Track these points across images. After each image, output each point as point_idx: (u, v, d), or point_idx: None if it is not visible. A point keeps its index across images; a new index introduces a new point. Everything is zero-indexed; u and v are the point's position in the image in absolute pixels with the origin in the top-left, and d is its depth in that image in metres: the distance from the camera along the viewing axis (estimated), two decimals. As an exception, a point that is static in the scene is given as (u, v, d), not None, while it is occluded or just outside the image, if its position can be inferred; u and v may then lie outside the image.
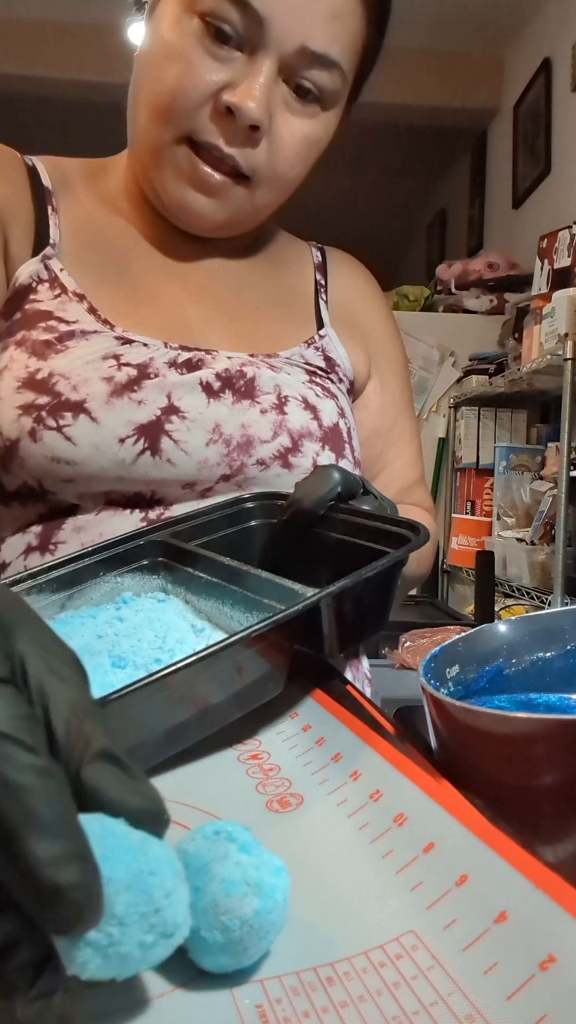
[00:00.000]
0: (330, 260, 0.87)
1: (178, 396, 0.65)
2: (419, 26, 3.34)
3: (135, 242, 0.76)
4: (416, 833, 0.34)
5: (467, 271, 3.21)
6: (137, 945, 0.24)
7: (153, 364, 0.65)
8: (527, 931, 0.27)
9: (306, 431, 0.69)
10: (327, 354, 0.78)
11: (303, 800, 0.39)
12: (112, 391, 0.62)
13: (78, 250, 0.72)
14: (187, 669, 0.37)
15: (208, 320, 0.74)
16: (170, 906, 0.24)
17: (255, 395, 0.68)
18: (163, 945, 0.24)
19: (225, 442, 0.66)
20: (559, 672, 0.52)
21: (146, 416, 0.63)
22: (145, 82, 0.68)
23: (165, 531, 0.56)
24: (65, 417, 0.61)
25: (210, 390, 0.67)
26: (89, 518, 0.64)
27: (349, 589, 0.44)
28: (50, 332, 0.65)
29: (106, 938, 0.23)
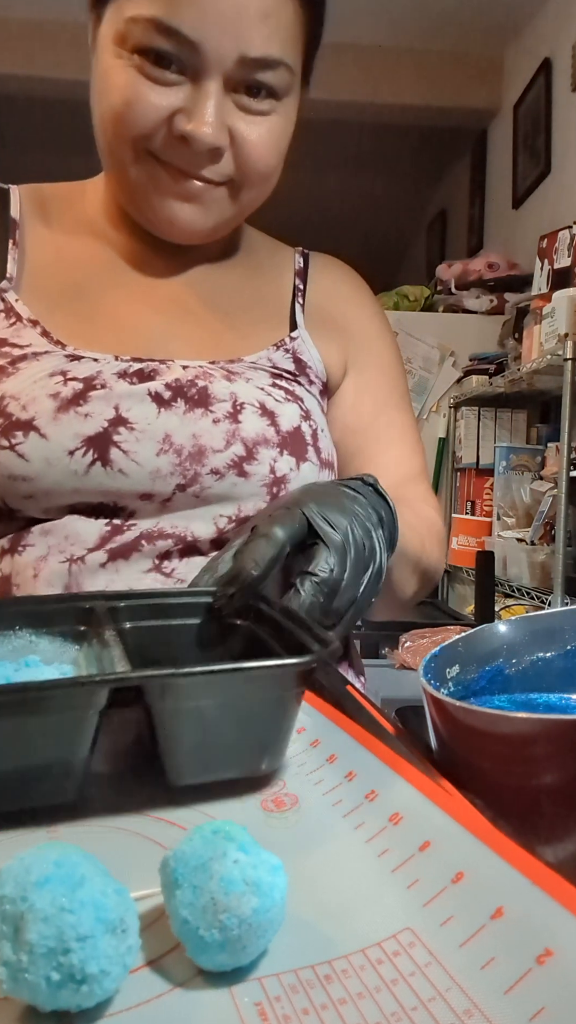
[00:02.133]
0: (312, 265, 0.87)
1: (126, 407, 0.65)
2: (419, 26, 3.35)
3: (103, 263, 0.77)
4: (411, 832, 0.34)
5: (467, 271, 3.22)
6: (44, 979, 0.24)
7: (100, 376, 0.66)
8: (523, 927, 0.27)
9: (261, 438, 0.68)
10: (297, 356, 0.78)
11: (298, 800, 0.39)
12: (59, 406, 0.64)
13: (37, 279, 0.75)
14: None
15: (169, 330, 0.74)
16: (82, 951, 0.24)
17: (208, 404, 0.68)
18: (72, 990, 0.24)
19: (176, 452, 0.66)
20: (559, 672, 0.52)
21: (93, 428, 0.64)
22: (98, 110, 0.69)
23: (105, 601, 0.51)
24: (16, 436, 0.63)
25: (160, 400, 0.67)
26: (56, 522, 0.66)
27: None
28: (3, 358, 0.67)
29: (17, 962, 0.24)
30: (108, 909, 0.25)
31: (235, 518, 0.68)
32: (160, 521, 0.67)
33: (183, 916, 0.27)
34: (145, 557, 0.66)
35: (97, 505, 0.66)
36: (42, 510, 0.66)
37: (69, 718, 0.36)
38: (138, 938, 0.26)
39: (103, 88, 0.68)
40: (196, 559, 0.67)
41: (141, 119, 0.66)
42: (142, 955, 0.28)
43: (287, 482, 0.69)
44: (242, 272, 0.83)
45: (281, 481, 0.69)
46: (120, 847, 0.35)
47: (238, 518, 0.68)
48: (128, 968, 0.26)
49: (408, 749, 0.41)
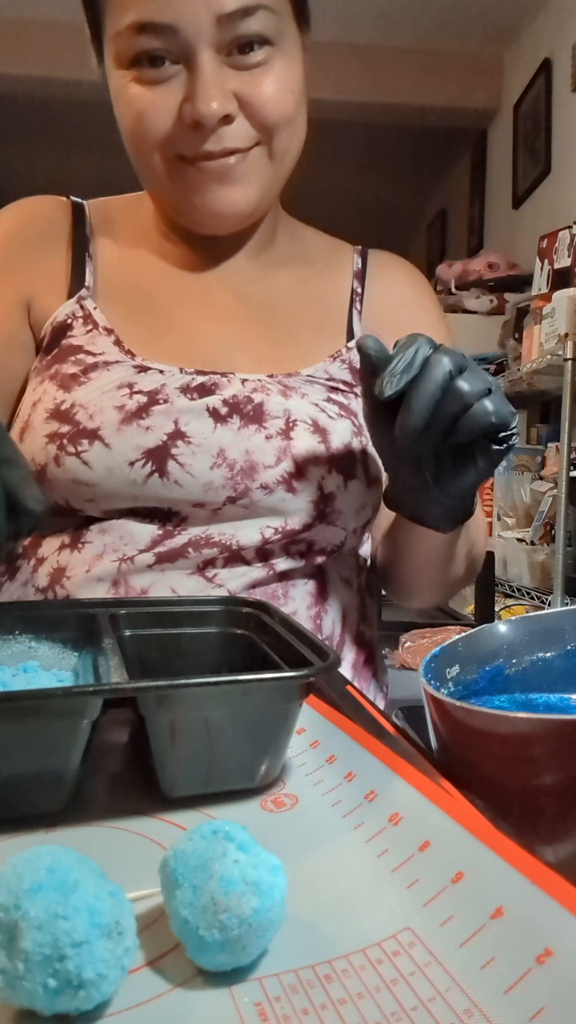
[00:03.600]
0: (371, 265, 0.86)
1: (185, 421, 0.68)
2: (419, 26, 3.35)
3: (164, 274, 0.80)
4: (411, 832, 0.34)
5: (467, 271, 3.22)
6: (41, 985, 0.24)
7: (164, 391, 0.69)
8: (523, 926, 0.27)
9: (311, 456, 0.70)
10: (354, 366, 0.78)
11: (298, 800, 0.39)
12: (123, 419, 0.67)
13: (111, 289, 0.78)
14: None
15: (231, 342, 0.76)
16: (78, 957, 0.24)
17: (263, 420, 0.70)
18: (70, 995, 0.24)
19: (229, 466, 0.68)
20: (559, 672, 0.52)
21: (153, 441, 0.67)
22: (124, 135, 0.72)
23: (106, 609, 0.51)
24: (82, 444, 0.67)
25: (217, 415, 0.69)
26: (113, 522, 0.69)
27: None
28: (77, 365, 0.71)
29: (13, 969, 0.24)
30: (102, 913, 0.25)
31: (281, 529, 0.70)
32: (209, 528, 0.69)
33: (183, 916, 0.27)
34: (190, 563, 0.69)
35: (152, 509, 0.69)
36: (101, 511, 0.69)
37: (61, 727, 0.36)
38: (135, 939, 0.26)
39: (119, 112, 0.71)
40: (239, 567, 0.69)
41: (155, 124, 0.68)
42: (142, 955, 0.28)
43: (334, 499, 0.70)
44: (297, 276, 0.83)
45: (328, 499, 0.70)
46: (120, 847, 0.35)
47: (283, 530, 0.70)
48: (126, 969, 0.26)
49: (408, 749, 0.41)
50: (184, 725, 0.38)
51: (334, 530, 0.72)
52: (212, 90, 0.66)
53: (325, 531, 0.71)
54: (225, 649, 0.51)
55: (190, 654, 0.51)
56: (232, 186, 0.70)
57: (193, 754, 0.38)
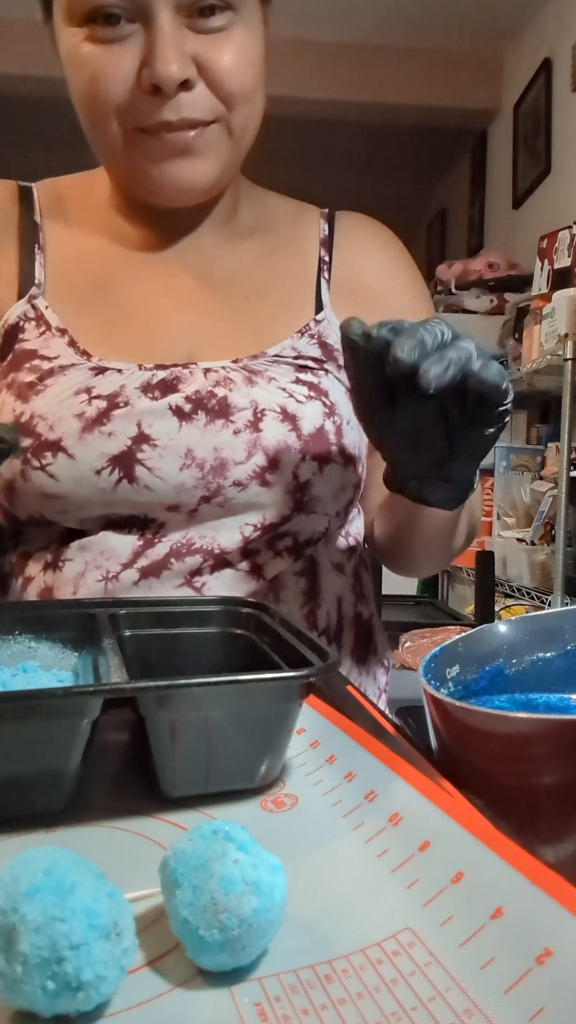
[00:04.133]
0: (338, 230, 0.82)
1: (148, 423, 0.66)
2: (419, 26, 3.34)
3: (120, 258, 0.76)
4: (411, 832, 0.34)
5: (467, 271, 3.21)
6: (40, 988, 0.24)
7: (124, 392, 0.67)
8: (523, 926, 0.27)
9: (283, 445, 0.68)
10: (323, 340, 0.75)
11: (298, 800, 0.39)
12: (84, 427, 0.65)
13: (63, 282, 0.75)
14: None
15: (191, 328, 0.73)
16: (76, 959, 0.24)
17: (229, 414, 0.68)
18: (69, 997, 0.24)
19: (199, 466, 0.66)
20: (559, 672, 0.52)
21: (117, 447, 0.65)
22: (74, 99, 0.69)
23: (106, 609, 0.51)
24: (46, 456, 0.65)
25: (181, 413, 0.67)
26: (92, 538, 0.68)
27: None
28: (33, 372, 0.69)
29: (12, 972, 0.24)
30: (100, 915, 0.25)
31: (260, 526, 0.68)
32: (189, 532, 0.68)
33: (183, 916, 0.27)
34: (176, 575, 0.67)
35: (129, 517, 0.68)
36: (77, 521, 0.68)
37: (61, 727, 0.36)
38: (134, 939, 0.26)
39: (71, 74, 0.67)
40: (227, 572, 0.68)
41: (110, 88, 0.65)
42: (142, 955, 0.28)
43: (310, 487, 0.69)
44: (261, 248, 0.79)
45: (305, 487, 0.68)
46: (120, 847, 0.35)
47: (263, 526, 0.68)
48: (125, 970, 0.26)
49: (408, 749, 0.41)
50: (184, 725, 0.38)
51: (315, 517, 0.70)
52: (171, 52, 0.62)
53: (306, 520, 0.70)
54: (225, 649, 0.51)
55: (190, 654, 0.51)
56: (192, 160, 0.67)
57: (193, 754, 0.38)
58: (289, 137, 3.86)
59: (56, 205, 0.79)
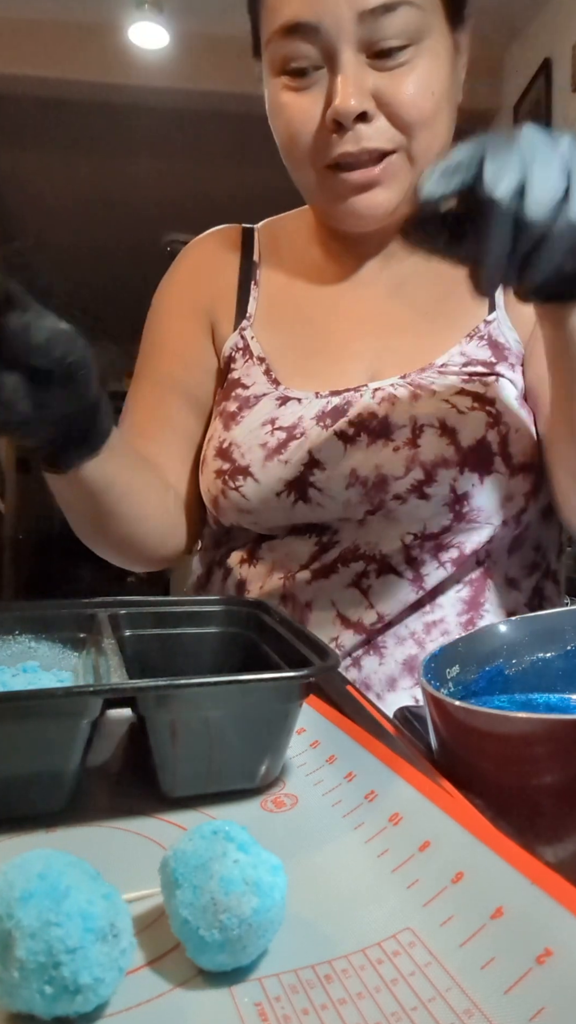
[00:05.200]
0: None
1: (317, 450, 0.73)
2: (419, 26, 3.34)
3: (322, 289, 0.83)
4: (411, 832, 0.34)
5: (467, 271, 3.21)
6: (38, 992, 0.24)
7: (301, 423, 0.74)
8: (523, 926, 0.27)
9: (440, 460, 0.70)
10: (494, 340, 0.77)
11: (298, 800, 0.39)
12: (266, 456, 0.74)
13: (271, 314, 0.83)
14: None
15: (372, 350, 0.78)
16: (73, 963, 0.24)
17: (389, 433, 0.72)
18: (68, 1000, 0.24)
19: (362, 484, 0.72)
20: (559, 672, 0.52)
21: (292, 473, 0.73)
22: (277, 140, 0.75)
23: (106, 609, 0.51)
24: (239, 480, 0.75)
25: (345, 437, 0.73)
26: (278, 541, 0.77)
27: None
28: (236, 401, 0.79)
29: (10, 978, 0.24)
30: (96, 917, 0.25)
31: (420, 535, 0.72)
32: (357, 538, 0.74)
33: (183, 916, 0.27)
34: (344, 577, 0.73)
35: (308, 525, 0.75)
36: (267, 530, 0.77)
37: (61, 727, 0.36)
38: (132, 939, 0.26)
39: (273, 124, 0.74)
40: (391, 578, 0.72)
41: (300, 130, 0.70)
42: (142, 955, 0.28)
43: (469, 498, 0.70)
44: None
45: (463, 499, 0.70)
46: (120, 847, 0.35)
47: (423, 535, 0.72)
48: (123, 971, 0.26)
49: (408, 749, 0.41)
50: (184, 725, 0.38)
51: (477, 527, 0.72)
52: (350, 88, 0.67)
53: (468, 530, 0.72)
54: (225, 649, 0.51)
55: (190, 654, 0.51)
56: (374, 191, 0.72)
57: (193, 754, 0.38)
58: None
59: (271, 243, 0.87)
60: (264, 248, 0.87)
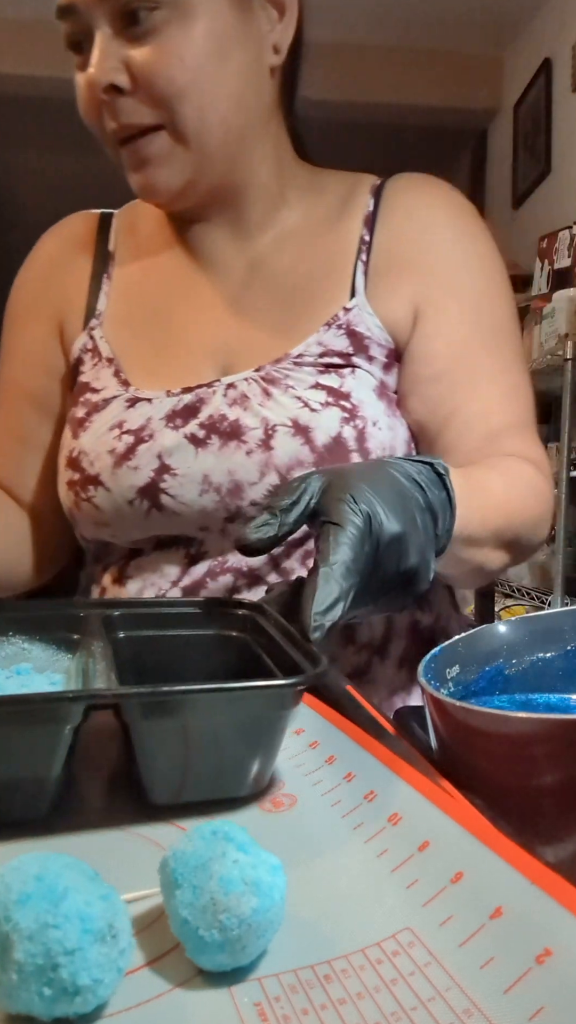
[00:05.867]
0: (383, 202, 0.76)
1: (168, 454, 0.69)
2: (419, 26, 3.34)
3: (175, 279, 0.78)
4: (410, 832, 0.34)
5: (467, 271, 3.21)
6: (36, 995, 0.24)
7: (150, 425, 0.70)
8: (523, 926, 0.27)
9: (295, 461, 0.67)
10: (352, 329, 0.72)
11: (297, 801, 0.39)
12: (114, 463, 0.70)
13: (122, 310, 0.78)
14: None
15: (226, 342, 0.74)
16: (71, 964, 0.24)
17: (241, 435, 0.68)
18: (67, 1002, 0.24)
19: (216, 490, 0.68)
20: (559, 672, 0.52)
21: (143, 480, 0.69)
22: None
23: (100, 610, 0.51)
24: (89, 490, 0.71)
25: (196, 440, 0.69)
26: (146, 559, 0.73)
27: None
28: (84, 407, 0.74)
29: (8, 980, 0.24)
30: (94, 919, 0.25)
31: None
32: (224, 549, 0.71)
33: (183, 916, 0.27)
34: (214, 593, 0.70)
35: (173, 537, 0.72)
36: (129, 542, 0.73)
37: (41, 734, 0.35)
38: (131, 939, 0.26)
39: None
40: (262, 589, 0.68)
41: (82, 107, 0.70)
42: (141, 955, 0.28)
43: None
44: (305, 238, 0.76)
45: None
46: (119, 848, 0.35)
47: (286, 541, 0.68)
48: (122, 971, 0.26)
49: (408, 749, 0.41)
50: (168, 733, 0.37)
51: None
52: (97, 58, 0.65)
53: None
54: (220, 651, 0.50)
55: (185, 657, 0.50)
56: (148, 169, 0.69)
57: (177, 763, 0.37)
58: (289, 137, 3.85)
59: (129, 231, 0.82)
60: (120, 237, 0.82)
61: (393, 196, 0.77)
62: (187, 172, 0.69)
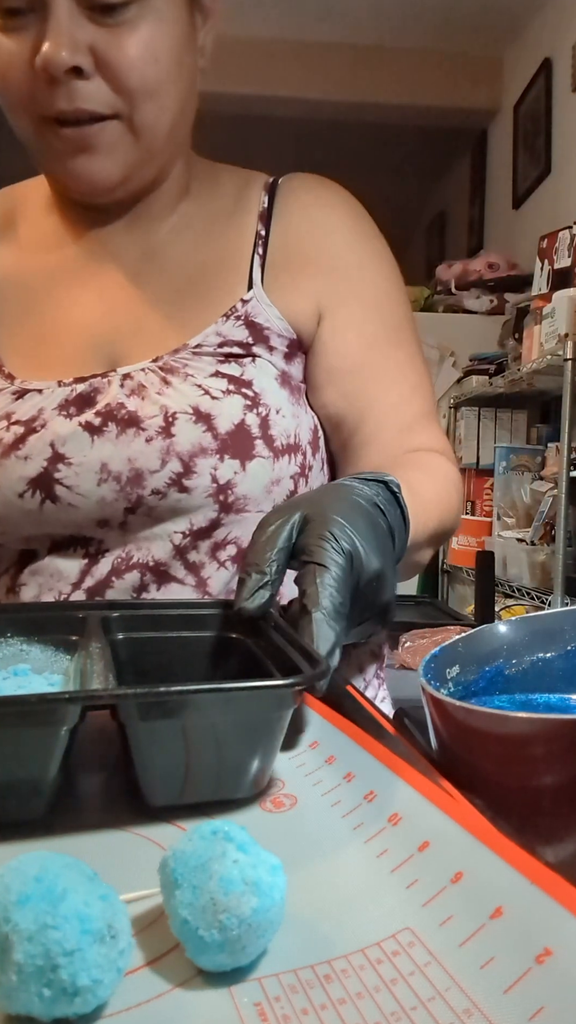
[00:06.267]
0: (278, 198, 0.77)
1: (61, 442, 0.66)
2: (419, 26, 3.34)
3: (62, 260, 0.75)
4: (410, 832, 0.34)
5: (467, 271, 3.22)
6: (36, 996, 0.24)
7: (41, 415, 0.67)
8: (523, 926, 0.27)
9: (197, 448, 0.66)
10: (251, 320, 0.71)
11: (297, 801, 0.39)
12: (2, 453, 0.66)
13: (3, 297, 0.74)
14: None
15: (117, 332, 0.72)
16: (71, 965, 0.24)
17: (139, 422, 0.66)
18: (66, 1002, 0.24)
19: (115, 479, 0.66)
20: (559, 672, 0.52)
21: (34, 470, 0.66)
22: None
23: (99, 611, 0.50)
24: None
25: (92, 428, 0.66)
26: (41, 563, 0.69)
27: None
28: None
29: (8, 981, 0.24)
30: (93, 919, 0.25)
31: (189, 531, 0.67)
32: (127, 545, 0.68)
33: (183, 916, 0.27)
34: (121, 592, 0.67)
35: (69, 538, 0.69)
36: (21, 541, 0.70)
37: (37, 735, 0.35)
38: (130, 939, 0.26)
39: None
40: (173, 586, 0.67)
41: (11, 75, 0.64)
42: (141, 955, 0.28)
43: (233, 487, 0.66)
44: (202, 233, 0.76)
45: (226, 488, 0.66)
46: (119, 848, 0.35)
47: (192, 531, 0.67)
48: (122, 971, 0.26)
49: (408, 749, 0.41)
50: (165, 734, 0.36)
51: (249, 516, 0.68)
52: (62, 37, 0.61)
53: (240, 521, 0.68)
54: (219, 653, 0.50)
55: (184, 658, 0.50)
56: (92, 156, 0.66)
57: (175, 764, 0.37)
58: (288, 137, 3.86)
59: (7, 217, 0.78)
60: (1, 219, 0.78)
61: (289, 194, 0.78)
62: (129, 165, 0.68)
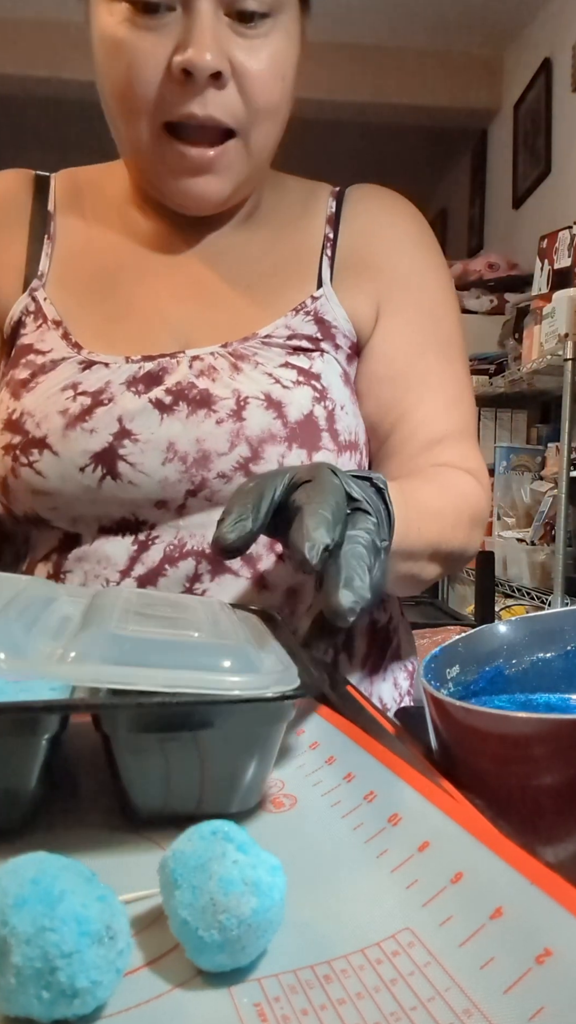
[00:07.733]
0: (346, 205, 0.79)
1: (129, 418, 0.65)
2: (419, 26, 3.34)
3: (131, 252, 0.76)
4: (410, 833, 0.34)
5: (467, 271, 3.22)
6: (35, 998, 0.24)
7: (109, 388, 0.66)
8: (523, 926, 0.27)
9: (267, 434, 0.65)
10: (320, 316, 0.72)
11: (296, 801, 0.39)
12: (67, 423, 0.65)
13: (68, 273, 0.74)
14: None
15: (188, 318, 0.72)
16: (69, 967, 0.24)
17: (211, 404, 0.66)
18: (65, 1004, 0.24)
19: (181, 459, 0.65)
20: (559, 672, 0.52)
21: (99, 444, 0.65)
22: (104, 85, 0.67)
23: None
24: (33, 453, 0.66)
25: (162, 406, 0.66)
26: (87, 548, 0.68)
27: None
28: (28, 368, 0.69)
29: (6, 984, 0.24)
30: (91, 921, 0.25)
31: None
32: (180, 531, 0.67)
33: (182, 916, 0.27)
34: (173, 582, 0.66)
35: (120, 520, 0.67)
36: (70, 521, 0.68)
37: (15, 744, 0.34)
38: (129, 940, 0.26)
39: (105, 59, 0.66)
40: (227, 578, 0.66)
41: (144, 76, 0.63)
42: (141, 956, 0.28)
43: None
44: (270, 232, 0.78)
45: None
46: (119, 848, 0.35)
47: None
48: (121, 972, 0.26)
49: (408, 749, 0.41)
50: (148, 745, 0.35)
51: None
52: (208, 39, 0.61)
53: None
54: None
55: None
56: (208, 178, 0.67)
57: (158, 776, 0.36)
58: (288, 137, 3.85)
59: (72, 195, 0.78)
60: (62, 197, 0.78)
61: (357, 202, 0.80)
62: (238, 184, 0.69)
